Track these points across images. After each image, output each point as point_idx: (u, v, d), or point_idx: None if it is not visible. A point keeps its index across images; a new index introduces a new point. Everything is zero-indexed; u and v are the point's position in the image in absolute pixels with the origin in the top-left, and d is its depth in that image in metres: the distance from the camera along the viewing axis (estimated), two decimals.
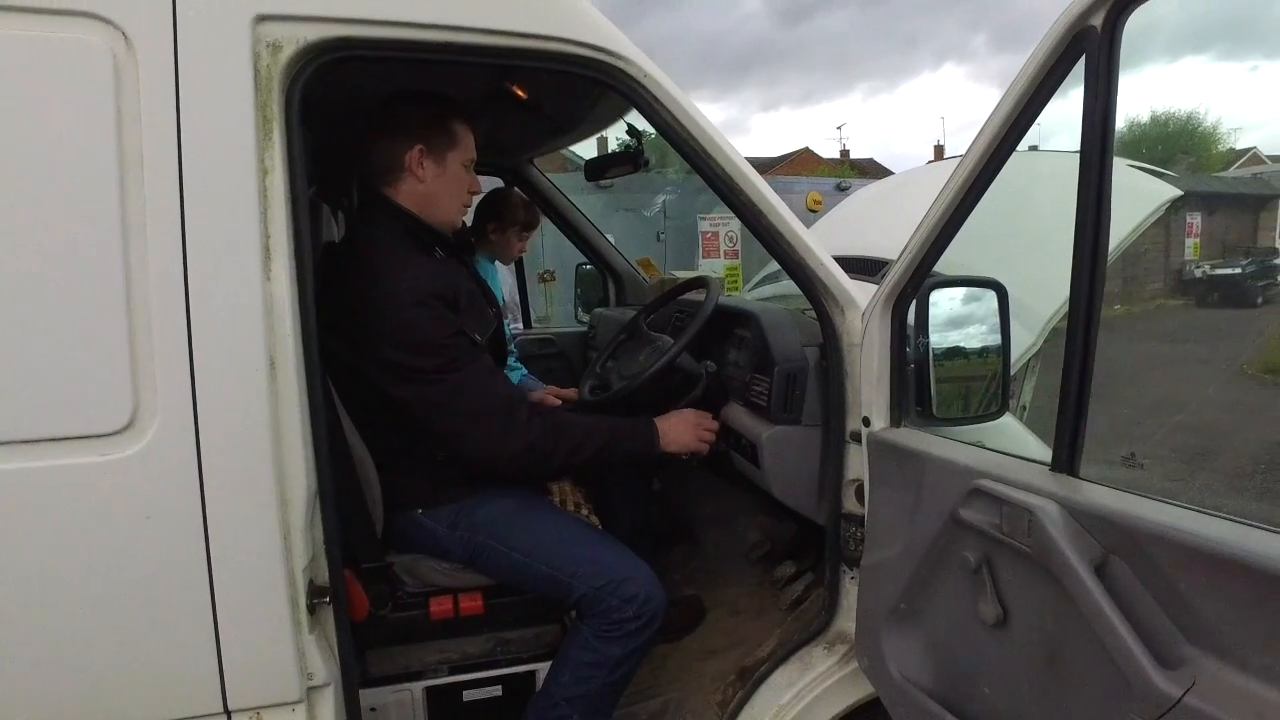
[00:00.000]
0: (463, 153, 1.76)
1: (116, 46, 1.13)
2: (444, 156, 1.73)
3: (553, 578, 1.70)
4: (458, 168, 1.76)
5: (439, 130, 1.73)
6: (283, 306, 1.23)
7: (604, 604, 1.67)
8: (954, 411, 1.57)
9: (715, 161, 1.53)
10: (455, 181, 1.77)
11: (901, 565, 1.46)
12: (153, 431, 1.17)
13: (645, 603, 1.68)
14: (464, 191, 1.80)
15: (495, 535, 1.72)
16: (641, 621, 1.68)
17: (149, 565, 1.19)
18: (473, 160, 1.80)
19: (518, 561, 1.71)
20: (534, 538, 1.72)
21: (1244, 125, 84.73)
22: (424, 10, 1.29)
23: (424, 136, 1.71)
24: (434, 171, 1.73)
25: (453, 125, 1.75)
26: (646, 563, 1.74)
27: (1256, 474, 5.37)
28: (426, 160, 1.71)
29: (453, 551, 1.74)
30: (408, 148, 1.70)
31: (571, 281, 3.82)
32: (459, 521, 1.73)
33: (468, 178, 1.80)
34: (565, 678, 1.70)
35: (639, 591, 1.68)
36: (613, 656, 1.68)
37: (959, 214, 1.38)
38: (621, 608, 1.67)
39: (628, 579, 1.68)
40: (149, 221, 1.15)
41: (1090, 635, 1.04)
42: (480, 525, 1.72)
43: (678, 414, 1.87)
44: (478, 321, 1.72)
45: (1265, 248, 17.76)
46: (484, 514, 1.73)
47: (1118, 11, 1.05)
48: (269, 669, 1.26)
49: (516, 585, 1.76)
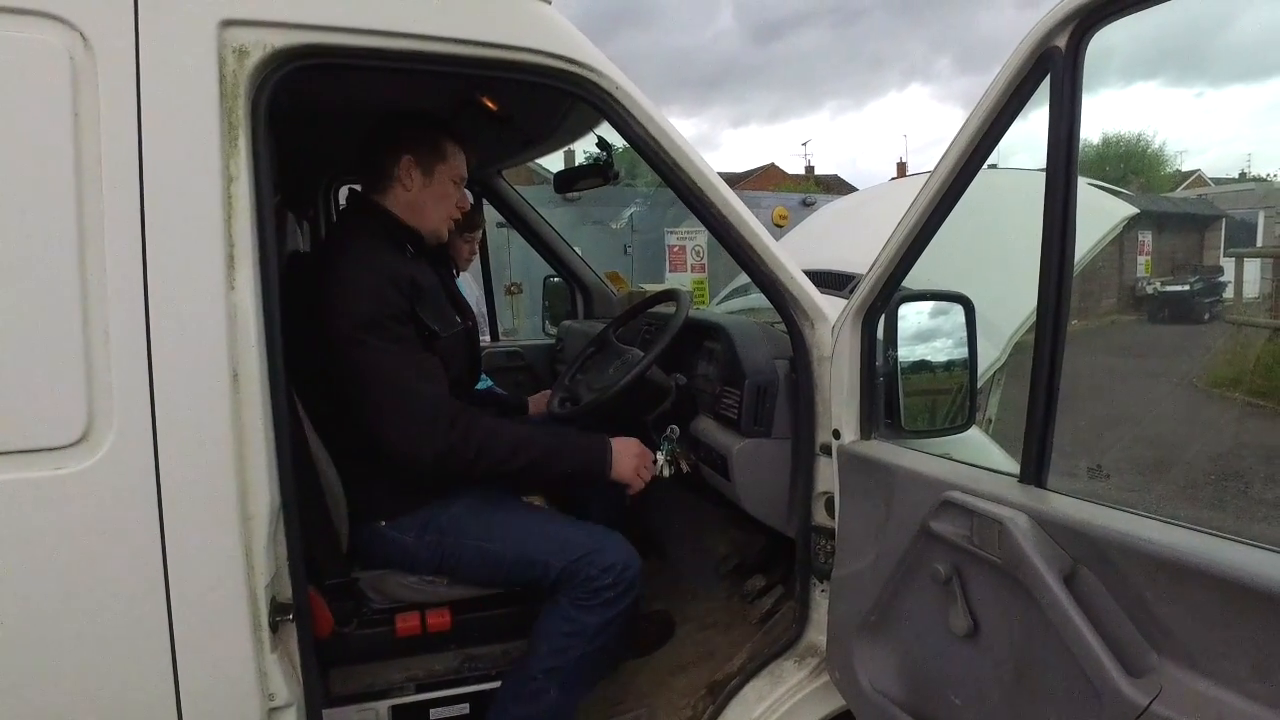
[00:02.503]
0: (451, 169, 1.83)
1: (74, 48, 1.10)
2: (432, 168, 1.80)
3: (526, 561, 1.70)
4: (445, 181, 1.83)
5: (430, 144, 1.79)
6: (247, 317, 1.20)
7: (581, 574, 1.68)
8: (922, 424, 1.58)
9: (686, 174, 1.53)
10: (441, 193, 1.83)
11: (872, 577, 1.47)
12: (108, 444, 1.13)
13: (623, 570, 1.69)
14: (450, 205, 1.86)
15: (463, 533, 1.71)
16: (619, 589, 1.69)
17: (103, 584, 1.15)
18: (462, 179, 1.86)
19: (489, 553, 1.70)
20: (502, 528, 1.72)
21: (1189, 149, 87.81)
22: (394, 19, 1.28)
23: (413, 148, 1.78)
24: (421, 181, 1.79)
25: (444, 142, 1.82)
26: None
27: (1208, 484, 5.52)
28: (415, 170, 1.78)
29: (422, 559, 1.71)
30: (398, 157, 1.77)
31: (539, 294, 3.80)
32: (426, 528, 1.71)
33: (455, 192, 1.86)
34: (542, 650, 1.69)
35: (615, 559, 1.70)
36: (591, 625, 1.68)
37: (928, 229, 1.40)
38: (599, 576, 1.68)
39: (601, 548, 1.70)
40: (107, 228, 1.12)
41: (1059, 645, 1.05)
42: (447, 527, 1.71)
43: (624, 442, 1.82)
44: (436, 315, 1.73)
45: (1211, 266, 18.34)
46: (449, 516, 1.72)
47: (1082, 32, 1.07)
48: (228, 690, 1.23)
49: (491, 579, 1.74)
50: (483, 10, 1.34)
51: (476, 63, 1.37)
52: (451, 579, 1.74)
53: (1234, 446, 6.69)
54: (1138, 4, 1.01)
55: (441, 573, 1.73)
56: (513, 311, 8.90)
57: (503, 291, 8.57)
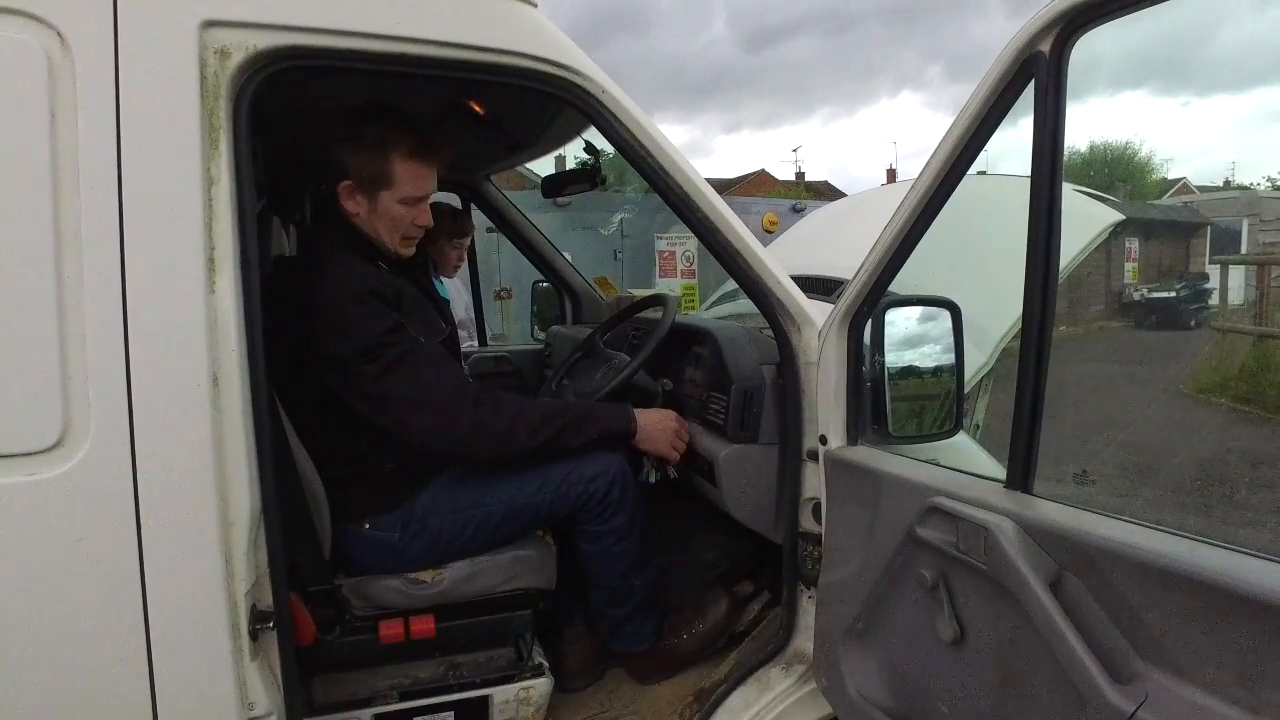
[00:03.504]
0: (397, 192, 1.68)
1: (51, 47, 1.09)
2: (375, 195, 1.69)
3: (515, 511, 1.73)
4: (391, 205, 1.69)
5: (370, 170, 1.66)
6: (227, 321, 1.19)
7: (575, 497, 1.73)
8: (909, 429, 1.58)
9: (673, 179, 1.53)
10: (388, 218, 1.71)
11: (859, 584, 1.46)
12: (84, 450, 1.11)
13: (614, 478, 1.75)
14: (404, 225, 1.73)
15: (444, 509, 1.72)
16: (619, 490, 1.75)
17: (78, 591, 1.13)
18: (416, 198, 1.72)
19: (477, 518, 1.72)
20: (479, 489, 1.74)
21: (1175, 157, 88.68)
22: (378, 21, 1.27)
23: (354, 173, 1.67)
24: (366, 206, 1.70)
25: (389, 167, 1.66)
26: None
27: (1194, 490, 5.55)
28: (357, 194, 1.69)
29: (411, 552, 1.70)
30: (338, 179, 1.68)
31: (528, 299, 3.79)
32: (409, 521, 1.71)
33: (408, 213, 1.72)
34: (600, 570, 1.81)
35: (598, 470, 1.74)
36: (619, 526, 1.78)
37: (913, 234, 1.40)
38: (593, 492, 1.73)
39: (579, 466, 1.74)
40: (85, 230, 1.10)
41: (1046, 651, 1.05)
42: (427, 511, 1.71)
43: (659, 412, 1.86)
44: (423, 324, 1.73)
45: (1196, 273, 18.49)
46: (424, 500, 1.73)
47: (1065, 37, 1.07)
48: (206, 700, 1.21)
49: (491, 541, 1.75)
50: (467, 13, 1.33)
51: (461, 65, 1.36)
52: (450, 558, 1.73)
53: (1219, 451, 6.74)
54: (1120, 9, 1.01)
55: (436, 559, 1.72)
56: (502, 316, 8.88)
57: (492, 297, 8.55)
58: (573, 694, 1.94)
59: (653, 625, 1.91)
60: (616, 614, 1.86)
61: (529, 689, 1.74)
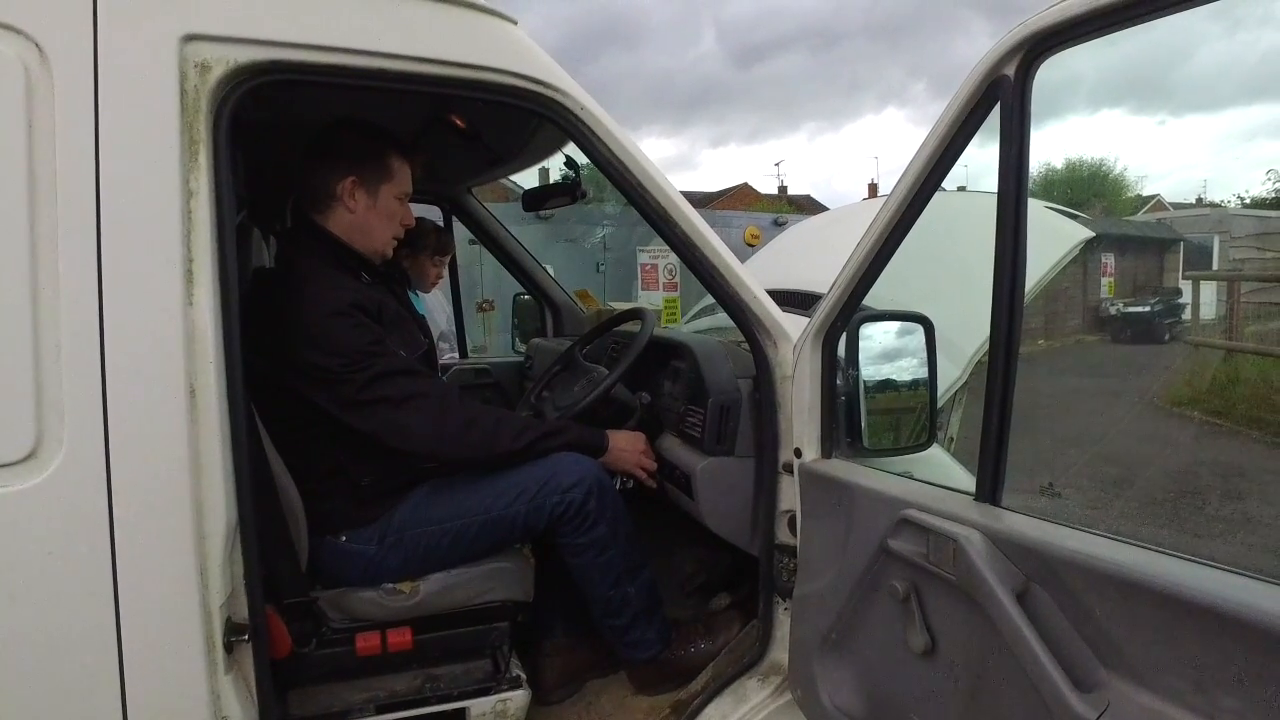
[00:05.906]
0: (396, 186, 1.78)
1: (28, 58, 1.09)
2: (377, 189, 1.75)
3: (491, 523, 1.72)
4: (390, 200, 1.78)
5: (374, 163, 1.75)
6: (205, 333, 1.19)
7: (551, 508, 1.71)
8: (884, 443, 1.60)
9: (651, 195, 1.55)
10: (386, 214, 1.78)
11: (833, 595, 1.48)
12: (57, 462, 1.11)
13: (590, 487, 1.73)
14: (395, 224, 1.81)
15: (421, 522, 1.71)
16: (595, 498, 1.73)
17: (49, 604, 1.13)
18: (407, 194, 1.82)
19: (453, 530, 1.71)
20: (454, 502, 1.73)
21: (1150, 174, 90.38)
22: (358, 37, 1.28)
23: (358, 168, 1.73)
24: (365, 203, 1.75)
25: (389, 159, 1.77)
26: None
27: (1167, 501, 5.62)
28: (359, 191, 1.73)
29: (389, 565, 1.70)
30: (341, 177, 1.71)
31: (509, 311, 3.80)
32: (386, 533, 1.70)
33: (400, 210, 1.81)
34: (592, 580, 1.79)
35: (573, 479, 1.72)
36: (601, 537, 1.75)
37: (885, 250, 1.43)
38: (570, 502, 1.71)
39: (552, 476, 1.72)
40: (61, 240, 1.10)
41: (1013, 661, 1.06)
42: (404, 524, 1.71)
43: (629, 434, 1.88)
44: (404, 340, 1.74)
45: (1170, 288, 18.80)
46: (401, 513, 1.73)
47: (1029, 61, 1.11)
48: (179, 714, 1.20)
49: (467, 554, 1.75)
50: (448, 29, 1.35)
51: (441, 81, 1.37)
52: (427, 571, 1.73)
53: (1191, 464, 6.84)
54: (1083, 36, 1.05)
55: (413, 571, 1.71)
56: (483, 328, 8.86)
57: (474, 309, 8.54)
58: (551, 706, 1.94)
59: (655, 631, 1.89)
60: (616, 624, 1.85)
61: (506, 701, 1.73)
